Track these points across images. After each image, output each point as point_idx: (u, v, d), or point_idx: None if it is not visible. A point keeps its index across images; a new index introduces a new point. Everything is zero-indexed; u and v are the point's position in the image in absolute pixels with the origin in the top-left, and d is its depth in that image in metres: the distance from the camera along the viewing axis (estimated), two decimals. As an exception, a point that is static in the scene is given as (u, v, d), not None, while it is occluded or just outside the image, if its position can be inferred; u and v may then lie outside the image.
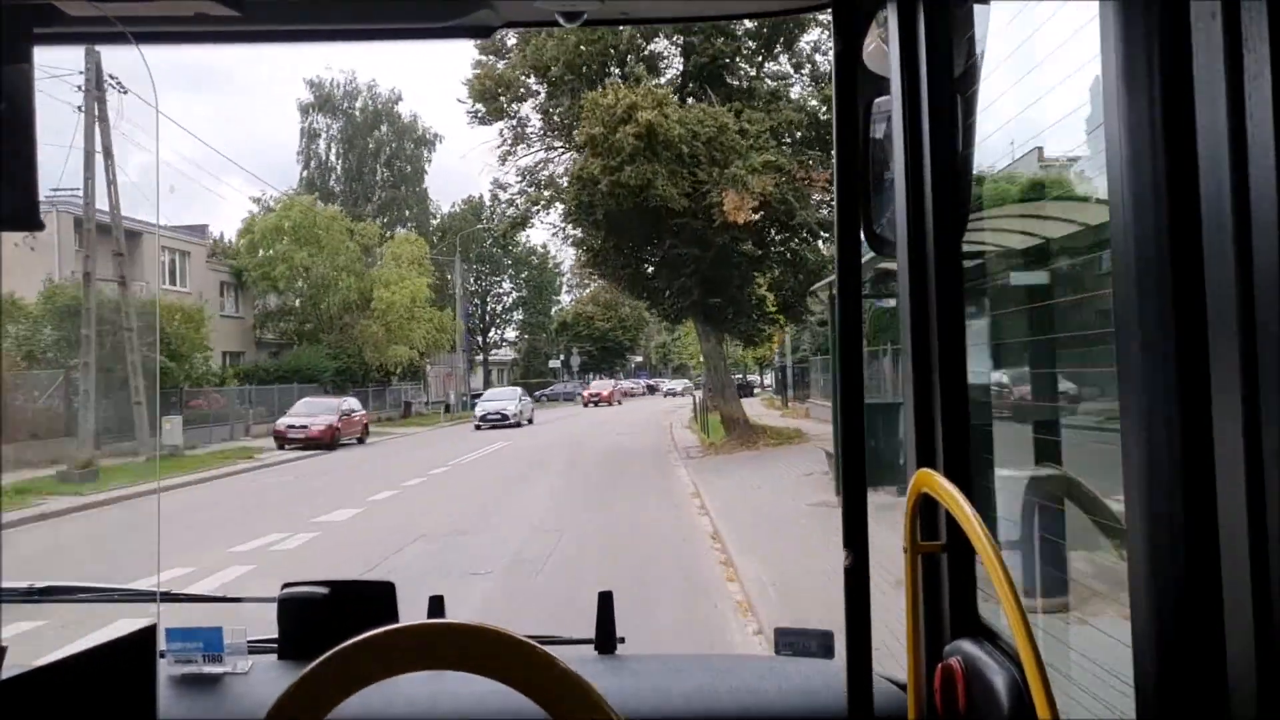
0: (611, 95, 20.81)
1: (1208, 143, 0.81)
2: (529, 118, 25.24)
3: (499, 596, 9.09)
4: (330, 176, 57.89)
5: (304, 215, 41.72)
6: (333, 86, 57.01)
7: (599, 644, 1.92)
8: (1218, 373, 0.81)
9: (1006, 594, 1.04)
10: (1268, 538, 0.76)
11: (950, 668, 1.42)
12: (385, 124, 58.49)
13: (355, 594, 1.88)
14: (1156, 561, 0.90)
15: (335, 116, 57.68)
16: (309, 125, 57.57)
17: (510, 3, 1.63)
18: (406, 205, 57.91)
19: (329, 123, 57.77)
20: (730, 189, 20.34)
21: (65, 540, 13.33)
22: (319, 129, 57.76)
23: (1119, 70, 0.93)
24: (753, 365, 58.74)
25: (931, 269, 1.51)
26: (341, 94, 57.47)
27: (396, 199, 58.05)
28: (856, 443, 1.52)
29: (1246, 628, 0.78)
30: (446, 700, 1.66)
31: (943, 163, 1.50)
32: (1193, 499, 0.85)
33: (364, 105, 57.95)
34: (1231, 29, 0.77)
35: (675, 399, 69.22)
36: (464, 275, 62.64)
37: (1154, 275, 0.89)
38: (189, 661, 1.80)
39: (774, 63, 24.52)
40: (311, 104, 57.17)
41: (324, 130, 57.80)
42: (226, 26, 1.62)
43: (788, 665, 1.86)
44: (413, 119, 59.96)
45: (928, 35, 1.52)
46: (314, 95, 56.78)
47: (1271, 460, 0.75)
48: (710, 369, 26.85)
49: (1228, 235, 0.78)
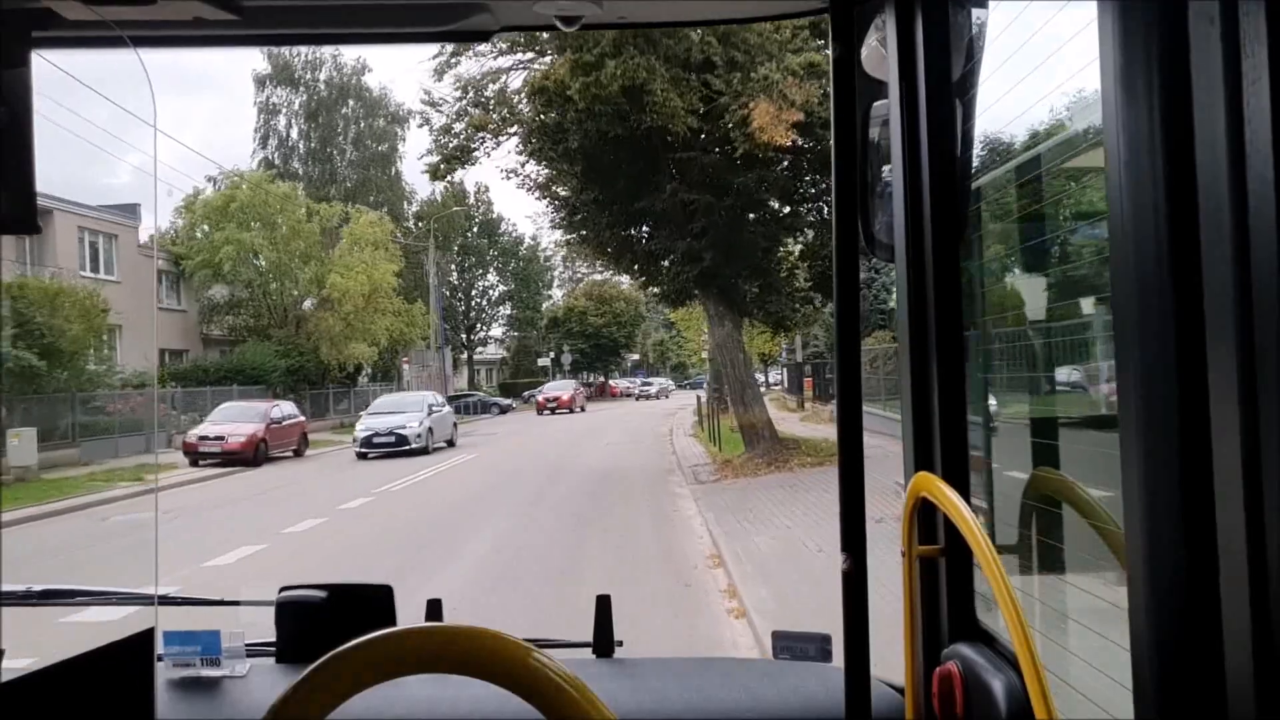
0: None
1: (1206, 147, 0.82)
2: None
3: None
4: (292, 157, 52.32)
5: (254, 192, 36.22)
6: (292, 55, 51.31)
7: (597, 648, 1.93)
8: (1216, 376, 0.82)
9: (1005, 598, 1.06)
10: (1266, 540, 0.76)
11: (948, 672, 1.45)
12: (352, 98, 52.85)
13: (353, 597, 1.90)
14: (1155, 564, 0.90)
15: (296, 90, 51.95)
16: (267, 99, 51.80)
17: (508, 6, 1.65)
18: (377, 188, 52.10)
19: (289, 96, 52.06)
20: (761, 97, 14.23)
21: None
22: (278, 104, 52.04)
23: (1117, 74, 0.93)
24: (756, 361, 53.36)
25: (929, 272, 1.54)
26: (302, 64, 51.77)
27: (367, 181, 52.31)
28: (854, 443, 1.47)
29: (1244, 631, 0.78)
30: (445, 704, 1.67)
31: (941, 166, 1.54)
32: (1191, 501, 0.85)
33: (328, 77, 52.26)
34: (1229, 33, 0.77)
35: (651, 401, 63.85)
36: (444, 266, 57.20)
37: (1153, 279, 0.89)
38: (187, 665, 1.81)
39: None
40: (269, 75, 51.39)
41: (284, 105, 52.12)
42: (224, 30, 1.64)
43: (785, 669, 1.87)
44: (383, 92, 54.44)
45: (926, 38, 1.54)
46: (271, 66, 51.07)
47: (1270, 463, 0.75)
48: (725, 363, 20.31)
49: (1226, 239, 0.78)
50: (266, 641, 1.90)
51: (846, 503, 1.42)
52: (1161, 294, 0.88)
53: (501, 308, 72.53)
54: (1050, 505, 1.53)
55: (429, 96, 19.09)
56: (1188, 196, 0.83)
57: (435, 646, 0.89)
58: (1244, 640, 0.78)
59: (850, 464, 1.44)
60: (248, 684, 1.79)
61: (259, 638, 1.90)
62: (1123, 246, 0.92)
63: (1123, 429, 0.93)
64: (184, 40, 1.69)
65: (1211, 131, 0.80)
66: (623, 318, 76.39)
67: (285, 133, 51.96)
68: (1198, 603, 0.84)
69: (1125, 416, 0.93)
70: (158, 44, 1.71)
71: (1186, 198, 0.83)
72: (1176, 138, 0.85)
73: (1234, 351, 0.78)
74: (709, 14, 2.49)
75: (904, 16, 1.57)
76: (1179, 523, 0.87)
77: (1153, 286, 0.88)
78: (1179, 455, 0.87)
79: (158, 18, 1.56)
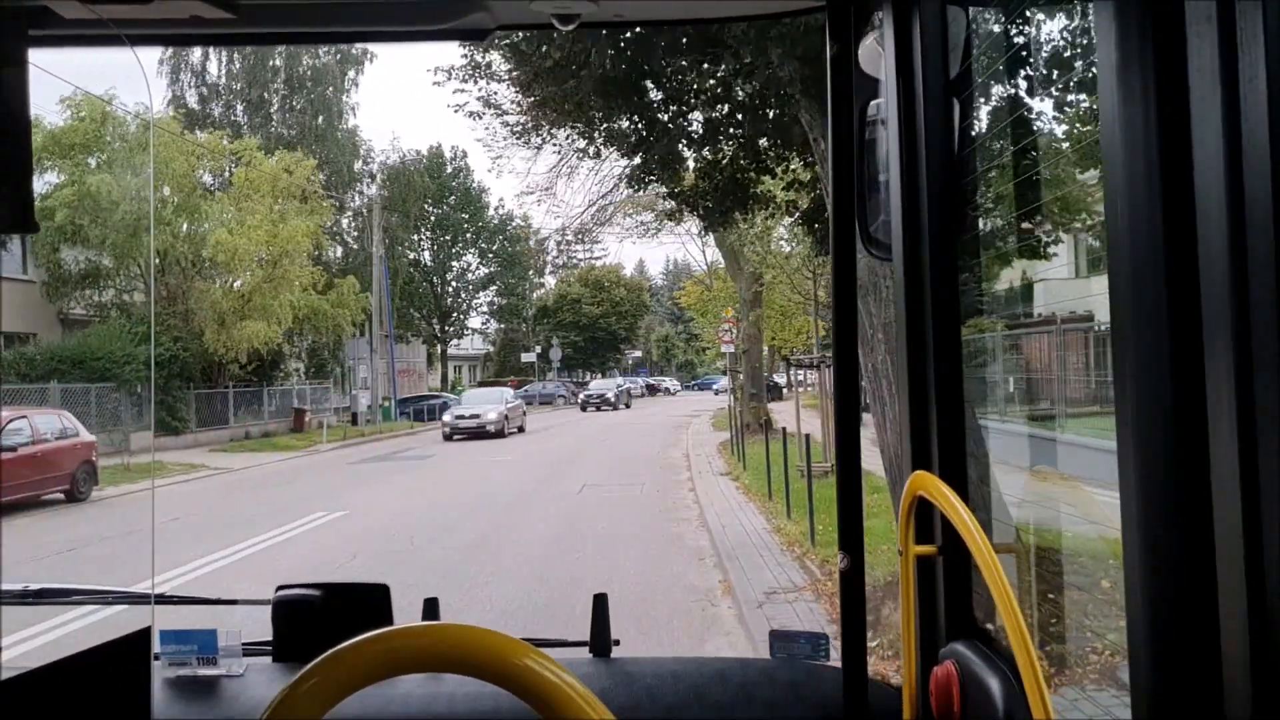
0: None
1: (1203, 145, 0.82)
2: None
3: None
4: (214, 100, 41.86)
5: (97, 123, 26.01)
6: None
7: (594, 647, 1.91)
8: (1213, 373, 0.82)
9: (1002, 597, 1.06)
10: (1263, 539, 0.76)
11: (946, 670, 1.44)
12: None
13: (350, 596, 1.91)
14: (1152, 563, 0.90)
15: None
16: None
17: (505, 5, 1.66)
18: (317, 137, 41.52)
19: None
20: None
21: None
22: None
23: (1115, 73, 0.93)
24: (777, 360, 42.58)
25: (927, 271, 1.53)
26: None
27: (305, 132, 41.73)
28: (852, 444, 1.51)
29: (1241, 630, 0.78)
30: (442, 702, 1.67)
31: (938, 165, 1.52)
32: (1188, 501, 0.86)
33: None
34: (1226, 32, 0.78)
35: (613, 412, 44.85)
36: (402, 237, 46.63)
37: (1150, 277, 0.89)
38: (183, 664, 1.81)
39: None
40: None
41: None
42: (220, 29, 1.64)
43: (783, 668, 1.87)
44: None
45: (923, 37, 1.53)
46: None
47: (1266, 462, 0.75)
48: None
49: (1223, 237, 0.79)
50: (263, 641, 1.89)
51: (844, 503, 1.51)
52: (1158, 291, 0.88)
53: (484, 294, 62.21)
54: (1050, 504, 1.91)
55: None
56: (1184, 194, 0.84)
57: (432, 645, 0.88)
58: (1241, 638, 0.78)
59: (848, 465, 1.52)
60: (244, 683, 1.78)
61: (256, 637, 1.88)
62: (1119, 243, 0.92)
63: (1119, 427, 0.93)
64: (180, 38, 1.77)
65: (1208, 129, 0.80)
66: (623, 306, 66.21)
67: (200, 66, 41.45)
68: (1195, 600, 0.85)
69: (1122, 414, 0.93)
70: (154, 42, 1.80)
71: (1183, 195, 0.84)
72: (1173, 135, 0.86)
73: (1230, 349, 0.78)
74: (706, 12, 2.29)
75: (901, 14, 1.57)
76: (1176, 521, 0.87)
77: (1149, 283, 0.89)
78: (1176, 453, 0.87)
79: (155, 16, 1.57)
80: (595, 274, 65.05)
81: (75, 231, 26.13)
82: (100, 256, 27.92)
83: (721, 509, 12.97)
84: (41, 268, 28.21)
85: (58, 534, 12.58)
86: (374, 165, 46.54)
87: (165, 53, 40.22)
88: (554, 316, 64.24)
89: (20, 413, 15.94)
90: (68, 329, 28.86)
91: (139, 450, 23.19)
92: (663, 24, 5.07)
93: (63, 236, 26.43)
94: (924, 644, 1.55)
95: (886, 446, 6.40)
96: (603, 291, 65.03)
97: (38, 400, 21.82)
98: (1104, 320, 1.62)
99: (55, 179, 26.72)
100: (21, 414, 15.79)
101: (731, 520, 11.93)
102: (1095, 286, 2.93)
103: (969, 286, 1.65)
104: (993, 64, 1.63)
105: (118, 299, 29.26)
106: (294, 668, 1.00)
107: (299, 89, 42.61)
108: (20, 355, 25.06)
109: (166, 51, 40.13)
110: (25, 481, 14.72)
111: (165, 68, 40.40)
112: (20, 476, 14.47)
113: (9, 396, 21.20)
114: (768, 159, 8.81)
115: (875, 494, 9.42)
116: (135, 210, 26.04)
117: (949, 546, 1.49)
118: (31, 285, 28.24)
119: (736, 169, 8.94)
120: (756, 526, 11.40)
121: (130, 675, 1.42)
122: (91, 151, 26.73)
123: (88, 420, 20.19)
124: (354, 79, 44.44)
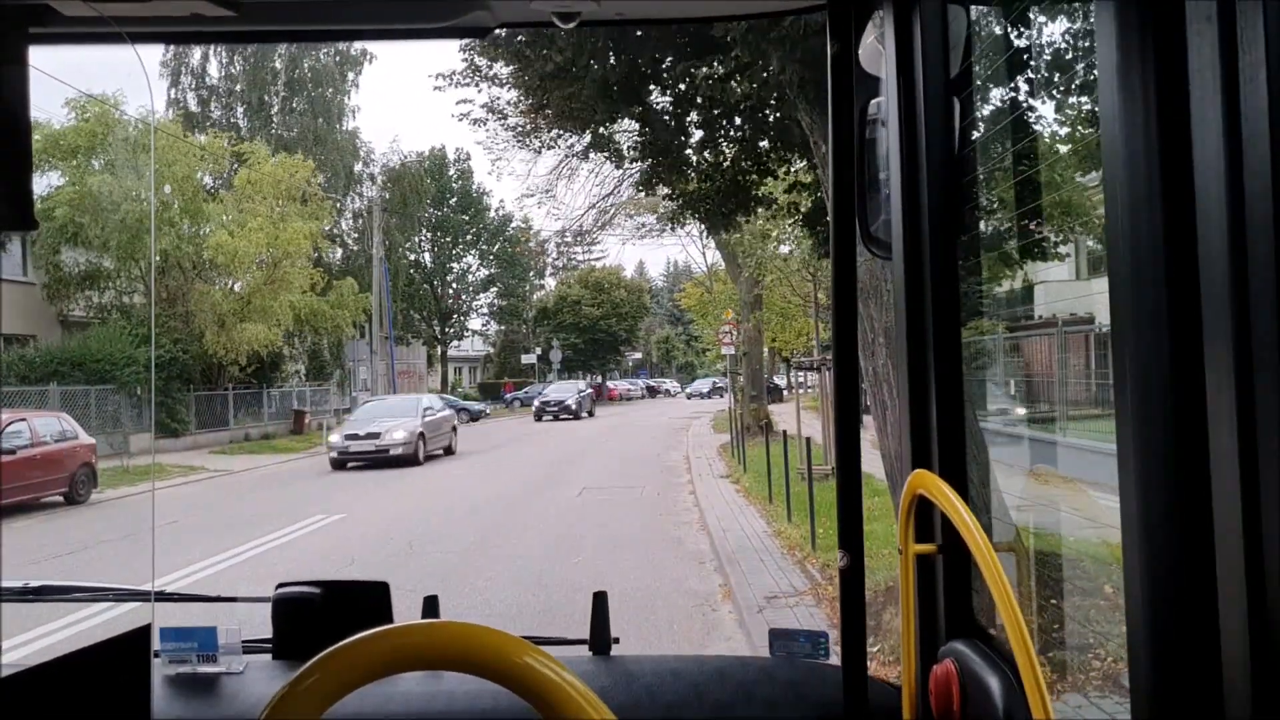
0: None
1: (1203, 145, 0.82)
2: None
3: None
4: (213, 101, 41.87)
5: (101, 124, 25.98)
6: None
7: (593, 645, 1.91)
8: (1212, 372, 0.82)
9: (1002, 596, 1.05)
10: (1262, 539, 0.76)
11: (945, 669, 1.43)
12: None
13: (350, 594, 1.92)
14: (1152, 561, 0.90)
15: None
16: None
17: (506, 4, 1.66)
18: (317, 139, 41.50)
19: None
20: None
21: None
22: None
23: (1115, 72, 0.93)
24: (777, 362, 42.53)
25: (927, 271, 1.53)
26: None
27: (306, 134, 41.71)
28: (852, 444, 1.51)
29: (1241, 631, 0.78)
30: (441, 700, 1.67)
31: (938, 164, 1.52)
32: (1188, 499, 0.85)
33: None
34: (1227, 31, 0.77)
35: (560, 423, 38.72)
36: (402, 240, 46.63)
37: (1150, 278, 0.89)
38: (183, 661, 1.80)
39: None
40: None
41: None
42: (221, 27, 1.63)
43: (782, 666, 1.86)
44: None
45: (924, 36, 1.53)
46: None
47: (1267, 462, 0.75)
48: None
49: (1223, 237, 0.79)
50: (263, 638, 1.89)
51: (844, 501, 1.49)
52: (1158, 292, 0.88)
53: (484, 295, 62.15)
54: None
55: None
56: (1184, 194, 0.83)
57: (431, 643, 0.88)
58: (1241, 637, 0.78)
59: (847, 464, 1.51)
60: (244, 680, 1.78)
61: (256, 634, 1.88)
62: (1119, 244, 0.92)
63: (1119, 428, 0.93)
64: (181, 36, 1.77)
65: (1208, 130, 0.80)
66: (623, 308, 66.04)
67: (200, 69, 41.48)
68: (1195, 601, 0.84)
69: (1122, 415, 0.93)
70: (155, 40, 1.84)
71: (1183, 196, 0.84)
72: (1173, 135, 0.85)
73: (1230, 349, 0.78)
74: (706, 11, 2.29)
75: (902, 13, 1.57)
76: (1176, 520, 0.87)
77: (1149, 284, 0.89)
78: (1175, 452, 0.87)
79: (155, 14, 1.56)
80: (595, 276, 64.91)
81: (76, 232, 26.11)
82: (101, 258, 27.90)
83: (722, 512, 12.92)
84: (41, 269, 28.17)
85: (57, 537, 12.56)
86: (374, 167, 46.55)
87: (166, 54, 40.29)
88: (554, 318, 64.13)
89: (19, 415, 15.92)
90: (68, 331, 28.80)
91: (139, 452, 23.18)
92: (663, 23, 5.02)
93: (63, 237, 26.42)
94: (924, 643, 1.55)
95: (887, 451, 6.39)
96: (603, 293, 64.90)
97: (37, 402, 21.84)
98: (1104, 323, 1.76)
99: (58, 180, 26.80)
100: (21, 416, 15.77)
101: (732, 523, 11.90)
102: (1096, 287, 2.97)
103: (970, 286, 1.57)
104: (994, 64, 1.65)
105: (118, 301, 29.24)
106: (294, 665, 1.00)
107: (299, 90, 42.60)
108: (20, 357, 25.03)
109: (167, 54, 40.21)
110: (24, 484, 14.70)
111: (166, 70, 40.44)
112: (19, 479, 14.45)
113: (8, 399, 21.16)
114: (769, 161, 8.81)
115: (875, 497, 9.39)
116: (136, 211, 26.03)
117: (949, 545, 1.48)
118: (32, 287, 28.19)
119: (738, 171, 8.94)
120: (757, 530, 11.36)
121: (130, 672, 1.42)
122: (95, 153, 26.73)
123: (87, 422, 20.21)
124: (354, 80, 44.45)
